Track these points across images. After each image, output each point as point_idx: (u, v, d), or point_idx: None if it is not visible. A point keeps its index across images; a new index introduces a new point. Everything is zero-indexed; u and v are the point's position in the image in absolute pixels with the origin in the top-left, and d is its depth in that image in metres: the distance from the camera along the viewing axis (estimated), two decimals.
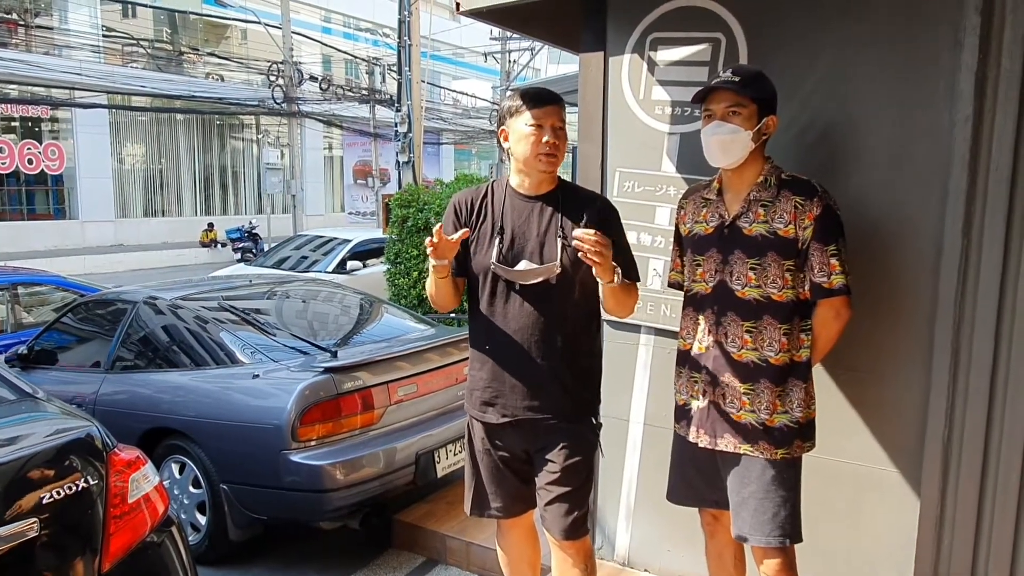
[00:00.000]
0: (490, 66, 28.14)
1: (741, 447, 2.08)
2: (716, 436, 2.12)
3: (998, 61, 2.12)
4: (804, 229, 2.01)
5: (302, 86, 19.44)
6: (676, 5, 2.64)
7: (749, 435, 2.07)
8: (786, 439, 2.06)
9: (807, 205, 2.01)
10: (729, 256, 2.09)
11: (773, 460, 2.05)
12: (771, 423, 2.05)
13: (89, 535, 2.00)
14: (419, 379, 3.65)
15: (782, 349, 2.05)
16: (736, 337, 2.08)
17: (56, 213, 20.52)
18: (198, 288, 4.36)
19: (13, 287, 6.05)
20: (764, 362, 2.05)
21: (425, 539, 3.51)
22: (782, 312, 2.05)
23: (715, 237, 2.13)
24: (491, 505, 2.30)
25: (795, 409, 2.06)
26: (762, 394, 2.05)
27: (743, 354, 2.07)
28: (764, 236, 2.04)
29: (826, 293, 2.02)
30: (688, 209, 2.25)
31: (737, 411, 2.08)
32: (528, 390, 2.15)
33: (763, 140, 2.08)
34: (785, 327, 2.05)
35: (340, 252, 9.78)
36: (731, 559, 2.32)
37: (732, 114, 2.02)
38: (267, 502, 3.32)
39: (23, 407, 2.31)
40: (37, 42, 19.75)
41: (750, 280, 2.06)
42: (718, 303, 2.11)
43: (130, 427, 3.55)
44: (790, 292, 2.04)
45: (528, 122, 2.09)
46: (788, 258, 2.03)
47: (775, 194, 2.05)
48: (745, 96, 2.01)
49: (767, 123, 2.06)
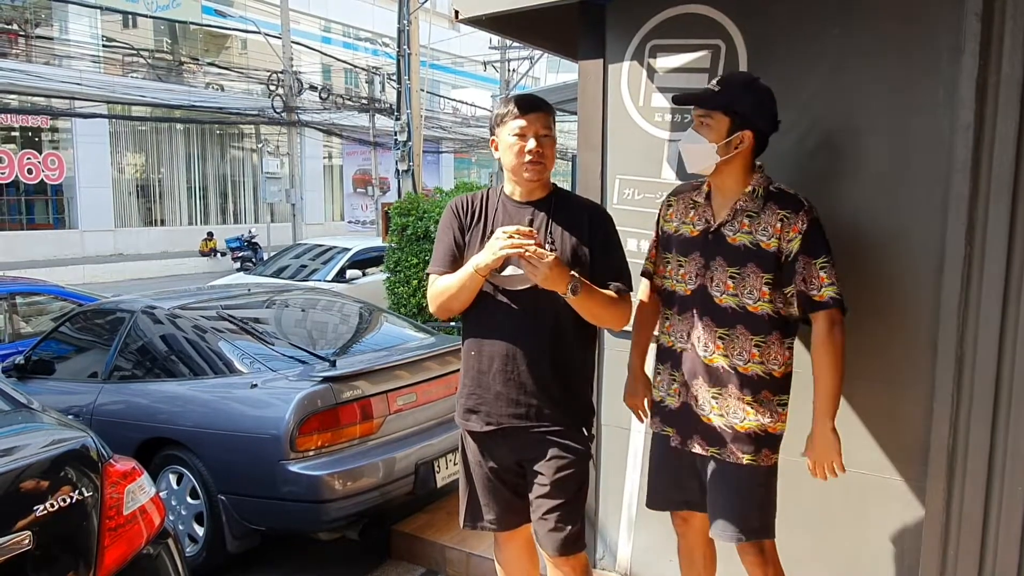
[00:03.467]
0: (489, 75, 28.21)
1: (710, 450, 2.12)
2: (688, 437, 2.15)
3: (999, 67, 2.11)
4: (789, 242, 2.00)
5: (302, 95, 19.49)
6: (675, 12, 2.63)
7: (718, 438, 2.10)
8: (754, 445, 2.08)
9: (792, 219, 2.01)
10: (711, 262, 2.11)
11: (739, 464, 2.08)
12: (741, 428, 2.07)
13: (84, 548, 1.98)
14: (419, 388, 3.63)
15: (752, 359, 2.06)
16: (709, 342, 2.10)
17: (55, 223, 20.53)
18: (196, 297, 4.34)
19: (11, 296, 6.03)
20: (733, 369, 2.07)
21: (424, 550, 3.48)
22: (755, 323, 2.05)
23: (700, 241, 2.14)
24: (484, 517, 2.27)
25: (765, 419, 2.08)
26: (729, 399, 2.08)
27: (714, 359, 2.10)
28: (747, 247, 2.05)
29: (816, 306, 2.00)
30: (677, 208, 2.25)
31: (707, 414, 2.11)
32: (514, 398, 2.11)
33: (737, 152, 2.05)
34: (757, 339, 2.06)
35: (340, 261, 9.77)
36: (701, 559, 2.35)
37: (702, 124, 2.04)
38: (265, 513, 3.29)
39: (18, 418, 2.30)
40: (37, 52, 19.81)
41: (728, 288, 2.08)
42: (697, 306, 2.13)
43: (127, 437, 3.53)
44: (766, 305, 2.04)
45: (512, 131, 2.09)
46: (767, 271, 2.03)
47: (761, 206, 2.05)
48: (713, 108, 2.02)
49: (740, 137, 2.03)
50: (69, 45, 19.86)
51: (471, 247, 2.16)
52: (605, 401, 2.89)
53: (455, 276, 2.12)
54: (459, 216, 2.20)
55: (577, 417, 2.20)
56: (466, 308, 2.16)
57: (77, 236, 20.09)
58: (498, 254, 1.97)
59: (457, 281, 2.10)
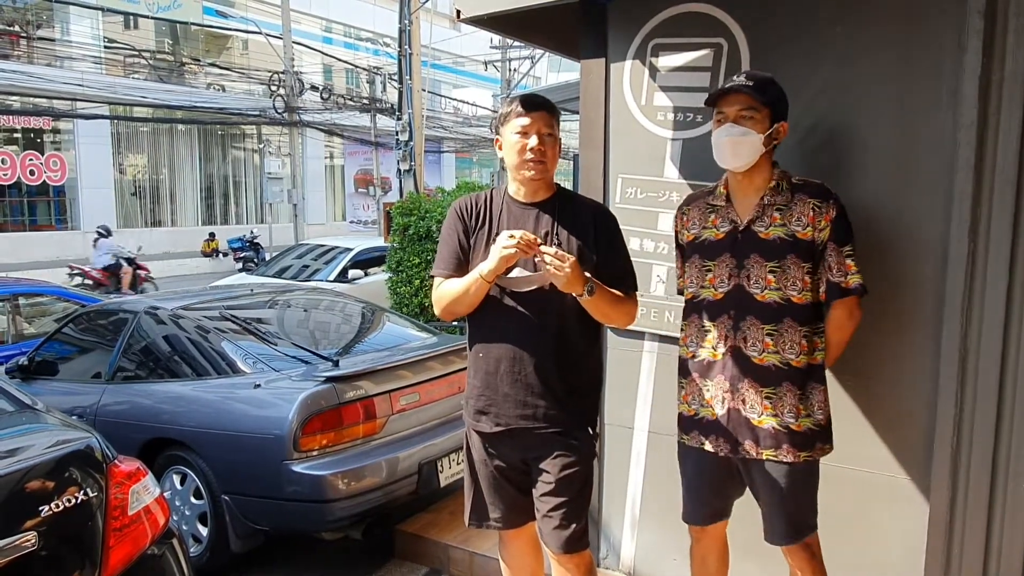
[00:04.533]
0: (490, 74, 28.20)
1: (764, 452, 2.08)
2: (736, 443, 2.11)
3: (1002, 64, 2.11)
4: (821, 231, 2.04)
5: (303, 96, 19.49)
6: (678, 11, 2.63)
7: (771, 439, 2.06)
8: (808, 442, 2.07)
9: (824, 207, 2.04)
10: (745, 260, 2.09)
11: (796, 463, 2.06)
12: (797, 428, 2.05)
13: (89, 548, 1.98)
14: (421, 388, 3.63)
15: (803, 351, 2.05)
16: (757, 341, 2.07)
17: (58, 224, 20.56)
18: (199, 298, 4.35)
19: (14, 297, 6.04)
20: (786, 365, 2.05)
21: (428, 549, 3.49)
22: (802, 314, 2.06)
23: (727, 242, 2.12)
24: (490, 515, 2.27)
25: (816, 412, 2.08)
26: (784, 397, 2.05)
27: (764, 357, 2.06)
28: (783, 239, 2.05)
29: (843, 293, 2.04)
30: (693, 215, 2.24)
31: (759, 416, 2.07)
32: (521, 399, 2.12)
33: (773, 145, 2.09)
34: (805, 329, 2.06)
35: (342, 261, 9.78)
36: (714, 563, 2.33)
37: (745, 117, 2.04)
38: (269, 513, 3.29)
39: (22, 419, 2.30)
40: (39, 54, 19.84)
41: (770, 283, 2.06)
42: (735, 308, 2.10)
43: (131, 438, 3.53)
44: (809, 295, 2.06)
45: (515, 129, 2.09)
46: (807, 260, 2.05)
47: (789, 198, 2.07)
48: (758, 100, 2.03)
49: (778, 128, 2.07)
50: (71, 46, 19.89)
51: (476, 250, 2.16)
52: (608, 401, 2.89)
53: (462, 281, 2.12)
54: (463, 218, 2.20)
55: (582, 417, 2.21)
56: (472, 310, 2.17)
57: (79, 237, 20.10)
58: (503, 254, 1.98)
59: (464, 286, 2.10)
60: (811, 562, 2.15)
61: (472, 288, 2.08)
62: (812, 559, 2.15)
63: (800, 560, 2.15)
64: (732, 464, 2.16)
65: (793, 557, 2.16)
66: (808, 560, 2.14)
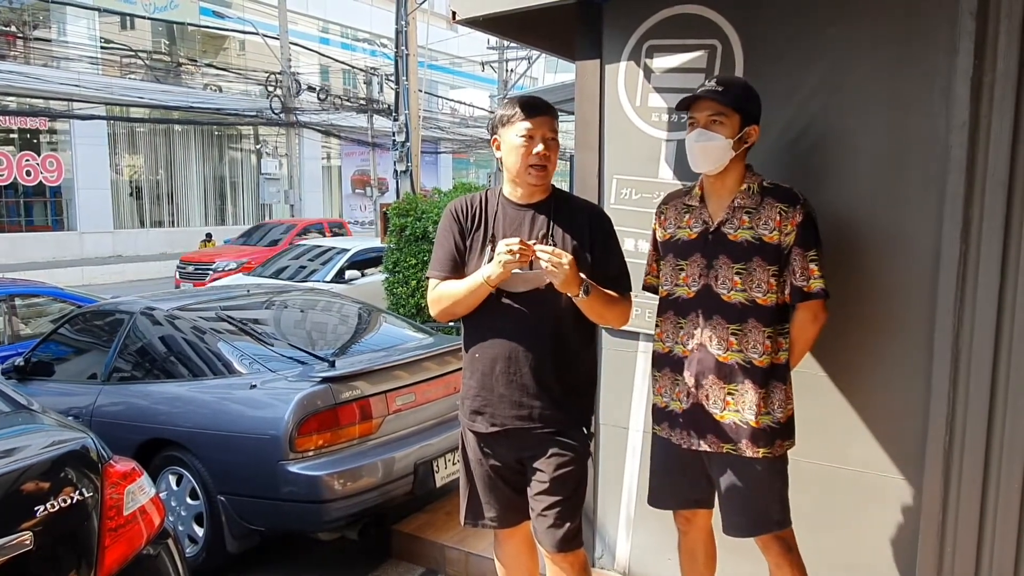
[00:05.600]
0: (487, 75, 28.20)
1: (724, 447, 2.13)
2: (699, 437, 2.16)
3: (994, 65, 2.12)
4: (787, 235, 2.07)
5: (300, 96, 19.52)
6: (672, 12, 2.64)
7: (732, 434, 2.12)
8: (768, 438, 2.11)
9: (790, 212, 2.07)
10: (714, 261, 2.14)
11: (755, 458, 2.11)
12: (756, 424, 2.10)
13: (84, 548, 1.98)
14: (417, 388, 3.63)
15: (765, 351, 2.10)
16: (722, 339, 2.12)
17: (54, 224, 20.50)
18: (195, 298, 4.35)
19: (10, 298, 6.02)
20: (748, 363, 2.10)
21: (424, 549, 3.49)
22: (767, 316, 2.10)
23: (699, 242, 2.17)
24: (485, 515, 2.28)
25: (776, 410, 2.12)
26: (746, 394, 2.10)
27: (728, 356, 2.12)
28: (749, 242, 2.09)
29: (805, 296, 2.08)
30: (669, 214, 2.29)
31: (720, 411, 2.13)
32: (517, 399, 2.13)
33: (744, 148, 2.12)
34: (769, 330, 2.10)
35: (338, 261, 9.77)
36: (703, 556, 2.37)
37: (714, 123, 2.07)
38: (265, 513, 3.30)
39: (18, 419, 2.30)
40: (35, 54, 19.79)
41: (736, 284, 2.11)
42: (703, 307, 2.15)
43: (127, 438, 3.53)
44: (773, 297, 2.10)
45: (519, 133, 2.09)
46: (772, 263, 2.09)
47: (759, 201, 2.11)
48: (727, 105, 2.06)
49: (748, 132, 2.10)
50: (67, 47, 19.86)
51: (472, 251, 2.17)
52: (604, 400, 2.90)
53: (462, 284, 2.12)
54: (459, 220, 2.20)
55: (578, 417, 2.22)
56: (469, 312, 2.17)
57: (76, 238, 20.07)
58: (505, 260, 1.98)
59: (464, 289, 2.11)
60: (786, 556, 2.18)
61: (474, 290, 2.09)
62: (787, 553, 2.18)
63: (775, 555, 2.19)
64: (699, 456, 2.20)
65: (767, 552, 2.20)
66: (783, 554, 2.17)
